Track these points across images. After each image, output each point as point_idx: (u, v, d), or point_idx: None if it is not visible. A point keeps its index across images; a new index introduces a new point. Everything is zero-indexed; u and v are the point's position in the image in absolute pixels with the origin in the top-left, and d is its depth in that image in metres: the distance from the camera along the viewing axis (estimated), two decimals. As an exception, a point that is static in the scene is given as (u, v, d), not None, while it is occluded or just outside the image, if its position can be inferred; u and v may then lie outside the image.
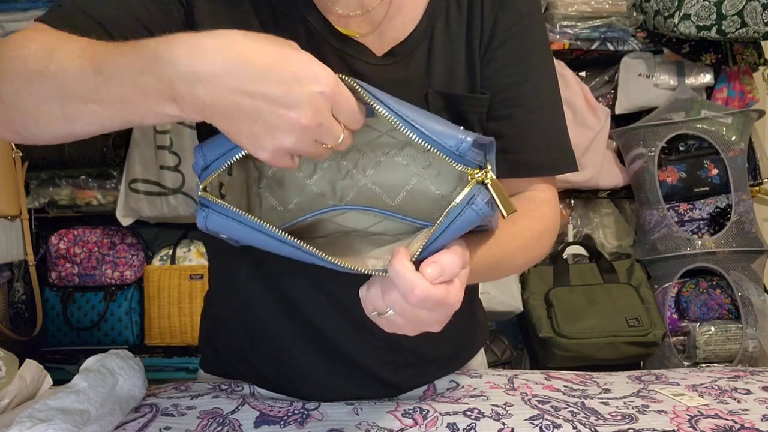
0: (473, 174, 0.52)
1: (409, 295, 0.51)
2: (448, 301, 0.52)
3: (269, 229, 0.53)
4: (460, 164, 0.52)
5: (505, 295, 1.96)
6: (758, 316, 1.93)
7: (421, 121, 0.51)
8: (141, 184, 1.96)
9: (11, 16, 1.89)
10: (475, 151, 0.52)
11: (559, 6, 1.96)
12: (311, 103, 0.48)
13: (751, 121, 2.05)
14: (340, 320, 0.79)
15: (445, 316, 0.55)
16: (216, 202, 0.54)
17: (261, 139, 0.49)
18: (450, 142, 0.51)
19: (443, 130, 0.52)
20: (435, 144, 0.51)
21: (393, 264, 0.51)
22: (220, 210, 0.54)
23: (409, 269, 0.51)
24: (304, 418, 0.75)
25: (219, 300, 0.89)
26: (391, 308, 0.54)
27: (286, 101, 0.47)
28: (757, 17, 1.85)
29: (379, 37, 0.75)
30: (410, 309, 0.53)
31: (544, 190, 0.80)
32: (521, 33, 0.77)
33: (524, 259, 0.74)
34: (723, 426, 0.73)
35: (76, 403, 0.68)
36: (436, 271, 0.51)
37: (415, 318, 0.54)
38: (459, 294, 0.54)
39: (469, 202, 0.52)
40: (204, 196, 0.54)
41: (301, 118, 0.47)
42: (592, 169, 2.04)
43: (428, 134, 0.51)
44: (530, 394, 0.82)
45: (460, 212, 0.52)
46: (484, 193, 0.52)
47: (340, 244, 0.63)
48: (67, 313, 2.02)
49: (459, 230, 0.53)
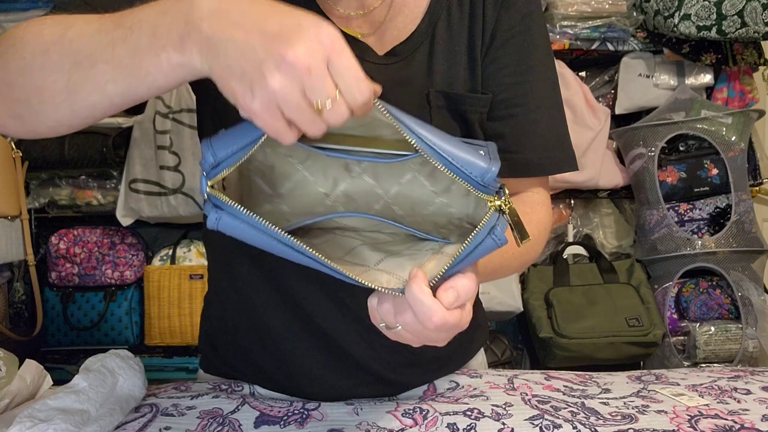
0: (493, 201, 0.52)
1: (427, 321, 0.51)
2: (460, 324, 0.53)
3: (283, 235, 0.52)
4: (482, 193, 0.52)
5: (505, 295, 1.96)
6: (758, 316, 1.94)
7: (446, 149, 0.51)
8: (141, 184, 1.96)
9: (11, 16, 1.90)
10: (497, 180, 0.52)
11: (559, 6, 1.96)
12: (303, 42, 0.45)
13: (751, 121, 2.05)
14: (341, 319, 0.79)
15: (453, 335, 0.56)
16: (230, 204, 0.52)
17: (249, 77, 0.46)
18: (475, 172, 0.51)
19: (467, 159, 0.51)
20: (460, 174, 0.51)
21: (412, 288, 0.51)
22: (233, 212, 0.52)
23: (427, 295, 0.51)
24: (304, 418, 0.75)
25: (219, 300, 0.89)
26: (403, 327, 0.54)
27: (279, 38, 0.45)
28: (757, 17, 1.85)
29: (380, 37, 0.75)
30: (422, 330, 0.53)
31: (538, 191, 0.81)
32: (522, 33, 0.77)
33: (519, 263, 0.76)
34: (723, 426, 0.73)
35: (76, 403, 0.68)
36: (453, 297, 0.52)
37: (425, 337, 0.55)
38: (469, 315, 0.55)
39: (490, 231, 0.52)
40: (215, 195, 0.52)
41: (289, 53, 0.44)
42: (592, 169, 2.05)
43: (454, 163, 0.51)
44: (530, 394, 0.82)
45: (480, 242, 0.52)
46: (503, 221, 0.52)
47: (337, 243, 0.63)
48: (67, 313, 2.02)
49: (477, 258, 0.53)
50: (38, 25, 0.56)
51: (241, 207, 0.52)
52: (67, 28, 0.54)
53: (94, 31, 0.52)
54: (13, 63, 0.55)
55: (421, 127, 0.51)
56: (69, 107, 0.55)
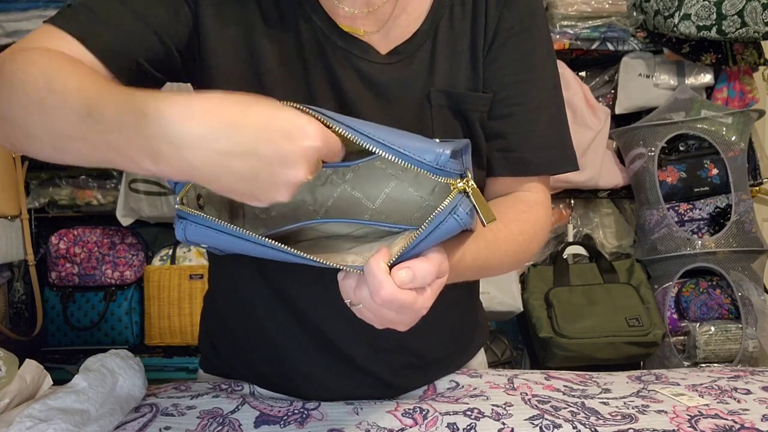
0: (455, 184, 0.54)
1: (375, 294, 0.52)
2: (413, 307, 0.53)
3: (247, 234, 0.54)
4: (441, 177, 0.53)
5: (505, 295, 1.96)
6: (758, 316, 1.93)
7: (397, 142, 0.52)
8: (141, 184, 1.96)
9: (11, 16, 1.89)
10: (454, 162, 0.53)
11: (559, 6, 1.96)
12: (305, 159, 0.49)
13: (751, 121, 2.05)
14: (341, 320, 0.79)
15: (411, 319, 0.56)
16: (193, 213, 0.55)
17: (258, 195, 0.50)
18: (428, 156, 0.52)
19: (420, 146, 0.53)
20: (414, 161, 0.52)
21: (369, 262, 0.53)
22: (197, 220, 0.55)
23: (381, 270, 0.52)
24: (304, 417, 0.75)
25: (219, 300, 0.89)
26: (360, 302, 0.55)
27: (281, 160, 0.48)
28: (757, 17, 1.85)
29: (384, 35, 0.75)
30: (377, 307, 0.54)
31: (537, 190, 0.80)
32: (524, 32, 0.77)
33: (511, 262, 0.75)
34: (723, 426, 0.73)
35: (76, 403, 0.68)
36: (407, 277, 0.52)
37: (382, 316, 0.55)
38: (428, 302, 0.55)
39: (451, 211, 0.53)
40: (180, 209, 0.55)
41: (298, 174, 0.49)
42: (592, 169, 2.04)
43: (405, 153, 0.52)
44: (530, 394, 0.82)
45: (442, 221, 0.53)
46: (466, 202, 0.54)
47: (322, 245, 0.64)
48: (67, 313, 2.02)
49: (439, 238, 0.54)
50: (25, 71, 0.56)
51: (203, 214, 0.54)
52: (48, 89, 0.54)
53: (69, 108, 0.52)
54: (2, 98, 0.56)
55: (370, 127, 0.53)
56: (56, 161, 0.57)
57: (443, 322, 0.85)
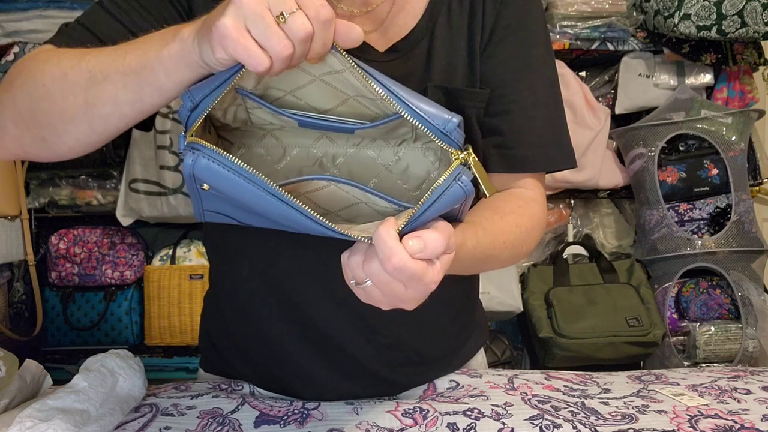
0: (457, 154, 0.55)
1: (386, 261, 0.50)
2: (424, 278, 0.52)
3: (262, 179, 0.51)
4: (444, 143, 0.55)
5: (505, 295, 1.96)
6: (758, 316, 1.93)
7: (411, 100, 0.54)
8: (141, 184, 1.96)
9: (11, 16, 1.89)
10: (460, 132, 0.55)
11: (559, 6, 1.96)
12: None
13: (751, 121, 2.05)
14: (341, 319, 0.79)
15: (420, 294, 0.54)
16: (207, 146, 0.51)
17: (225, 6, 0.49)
18: (437, 120, 0.54)
19: (431, 110, 0.54)
20: (423, 121, 0.54)
21: (378, 230, 0.51)
22: (210, 154, 0.51)
23: (392, 237, 0.50)
24: (304, 417, 0.75)
25: (219, 299, 0.89)
26: (370, 278, 0.53)
27: None
28: (757, 17, 1.85)
29: (382, 33, 0.75)
30: (387, 281, 0.52)
31: (533, 187, 0.80)
32: (521, 30, 0.77)
33: (510, 254, 0.74)
34: (723, 426, 0.73)
35: (76, 403, 0.68)
36: (418, 246, 0.51)
37: (391, 292, 0.53)
38: (437, 276, 0.53)
39: (456, 178, 0.53)
40: (193, 140, 0.52)
41: None
42: (592, 169, 2.04)
43: (417, 111, 0.54)
44: (530, 394, 0.82)
45: (447, 187, 0.53)
46: (468, 173, 0.54)
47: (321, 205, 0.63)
48: (67, 313, 2.02)
49: (444, 206, 0.53)
50: (54, 56, 0.62)
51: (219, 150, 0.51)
52: (83, 53, 0.60)
53: (109, 50, 0.59)
54: (35, 92, 0.61)
55: (389, 81, 0.54)
56: (87, 123, 0.59)
57: (441, 320, 0.86)
